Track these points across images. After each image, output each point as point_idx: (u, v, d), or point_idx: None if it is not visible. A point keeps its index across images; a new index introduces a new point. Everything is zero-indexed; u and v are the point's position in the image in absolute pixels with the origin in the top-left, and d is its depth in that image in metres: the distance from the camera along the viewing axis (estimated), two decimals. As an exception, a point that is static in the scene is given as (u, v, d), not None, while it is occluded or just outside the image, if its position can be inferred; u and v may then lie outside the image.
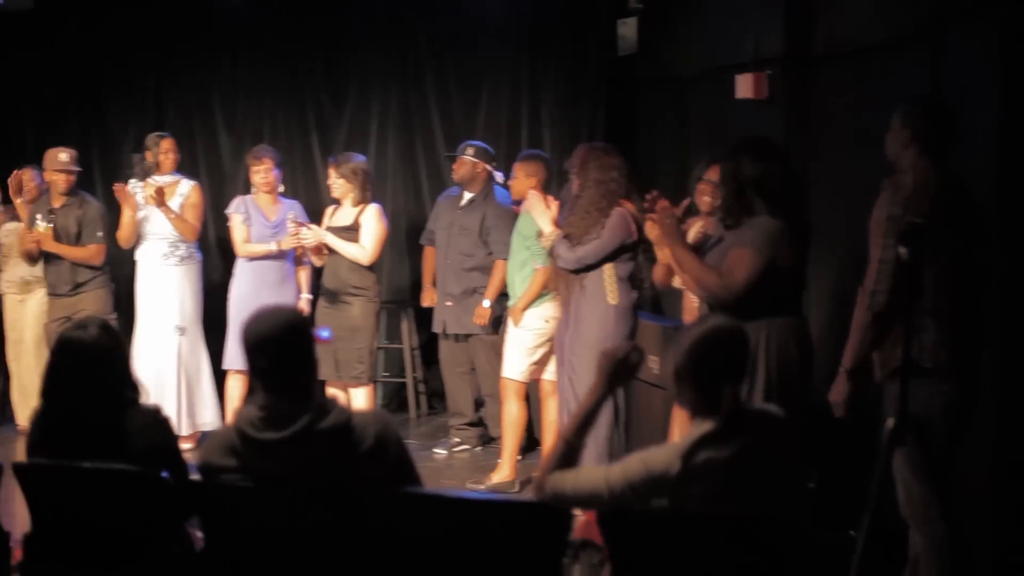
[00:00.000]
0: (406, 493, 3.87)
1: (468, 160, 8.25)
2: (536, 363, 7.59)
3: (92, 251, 8.50)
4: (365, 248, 7.94)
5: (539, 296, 7.50)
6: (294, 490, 3.81)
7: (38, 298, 8.86)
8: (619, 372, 3.82)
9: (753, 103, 7.47)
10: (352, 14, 9.98)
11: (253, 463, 3.84)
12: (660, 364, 7.21)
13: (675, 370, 3.79)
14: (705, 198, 6.66)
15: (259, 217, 8.39)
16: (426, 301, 8.76)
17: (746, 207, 5.25)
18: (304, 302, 8.41)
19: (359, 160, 8.14)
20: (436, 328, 8.53)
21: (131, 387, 4.27)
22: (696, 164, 7.17)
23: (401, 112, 9.94)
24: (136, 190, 8.49)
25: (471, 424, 8.64)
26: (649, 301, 8.00)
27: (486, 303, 8.05)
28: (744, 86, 7.48)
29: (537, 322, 7.53)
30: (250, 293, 8.24)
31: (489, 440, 8.55)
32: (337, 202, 8.15)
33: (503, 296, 7.94)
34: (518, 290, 7.61)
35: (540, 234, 7.02)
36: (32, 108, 10.82)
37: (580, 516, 4.13)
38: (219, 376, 8.59)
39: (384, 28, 9.92)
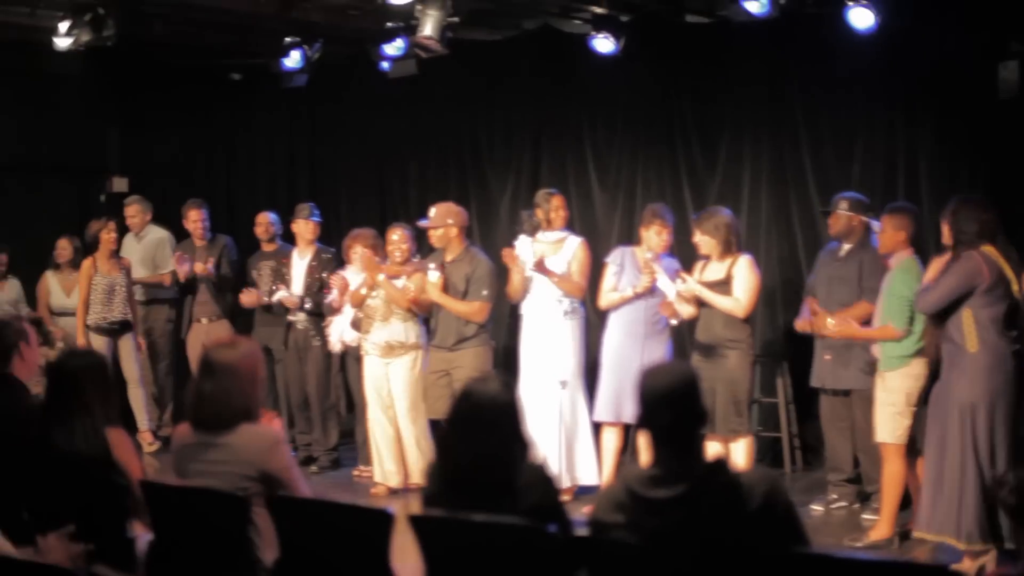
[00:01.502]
0: (794, 553, 3.83)
1: (843, 214, 8.10)
2: (910, 423, 7.39)
3: (475, 308, 8.68)
4: (739, 300, 7.94)
5: (906, 354, 7.31)
6: (682, 548, 3.82)
7: (404, 361, 8.95)
8: None
9: None
10: (722, 63, 10.00)
11: (640, 520, 3.89)
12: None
13: None
14: None
15: (633, 270, 8.49)
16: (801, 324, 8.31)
17: None
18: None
19: (721, 214, 8.19)
20: (816, 383, 8.37)
21: (523, 443, 4.38)
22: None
23: (774, 163, 9.82)
24: (525, 246, 8.70)
25: (849, 480, 8.44)
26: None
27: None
28: None
29: (905, 381, 7.35)
30: (619, 346, 8.45)
31: (866, 497, 8.33)
32: (706, 258, 8.19)
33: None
34: (883, 349, 7.46)
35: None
36: (416, 166, 11.30)
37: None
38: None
39: (755, 77, 9.86)
